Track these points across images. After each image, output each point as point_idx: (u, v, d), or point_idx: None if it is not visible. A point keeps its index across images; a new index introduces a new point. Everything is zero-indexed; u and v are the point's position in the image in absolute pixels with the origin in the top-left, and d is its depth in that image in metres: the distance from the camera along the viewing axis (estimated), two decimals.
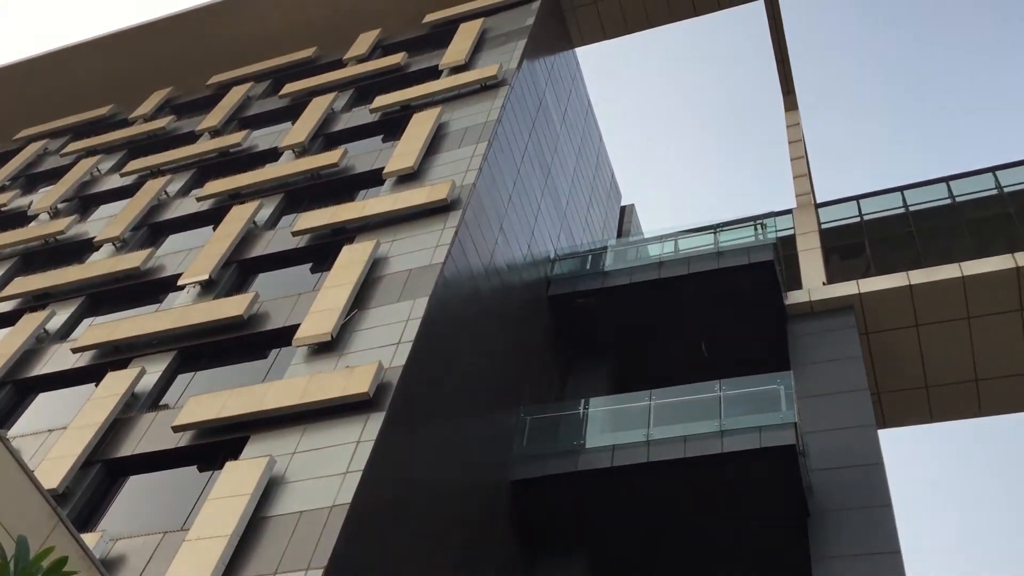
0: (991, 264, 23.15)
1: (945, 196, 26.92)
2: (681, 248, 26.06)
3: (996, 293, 23.18)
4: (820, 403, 21.48)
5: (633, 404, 21.40)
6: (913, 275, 23.78)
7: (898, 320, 24.07)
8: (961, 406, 25.33)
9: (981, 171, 26.89)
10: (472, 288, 20.54)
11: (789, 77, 33.33)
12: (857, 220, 27.59)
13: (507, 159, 24.37)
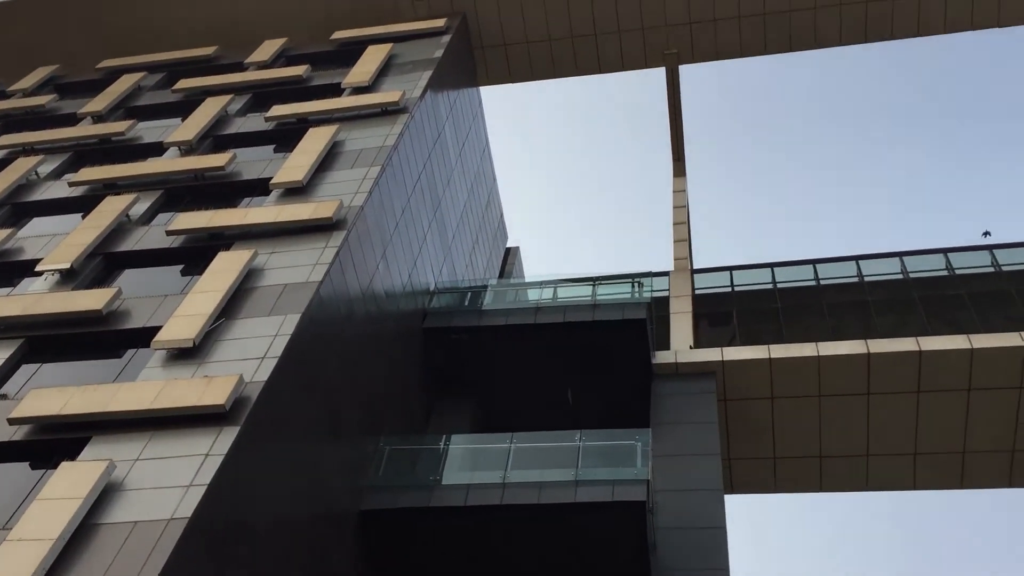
0: (845, 347, 24.34)
1: (811, 278, 28.24)
2: (559, 296, 26.45)
3: (847, 375, 24.36)
4: (674, 463, 22.01)
5: (494, 445, 21.40)
6: (774, 349, 24.77)
7: (755, 391, 24.98)
8: (804, 480, 26.38)
9: (846, 258, 28.36)
10: (347, 311, 20.26)
11: (680, 144, 34.50)
12: (728, 290, 28.62)
13: (399, 186, 24.29)
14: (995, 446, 24.76)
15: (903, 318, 25.80)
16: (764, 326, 26.81)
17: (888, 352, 23.95)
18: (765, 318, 27.14)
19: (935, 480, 25.87)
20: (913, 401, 24.42)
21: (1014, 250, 27.45)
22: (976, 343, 23.53)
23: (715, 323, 27.85)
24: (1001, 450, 24.81)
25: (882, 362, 24.02)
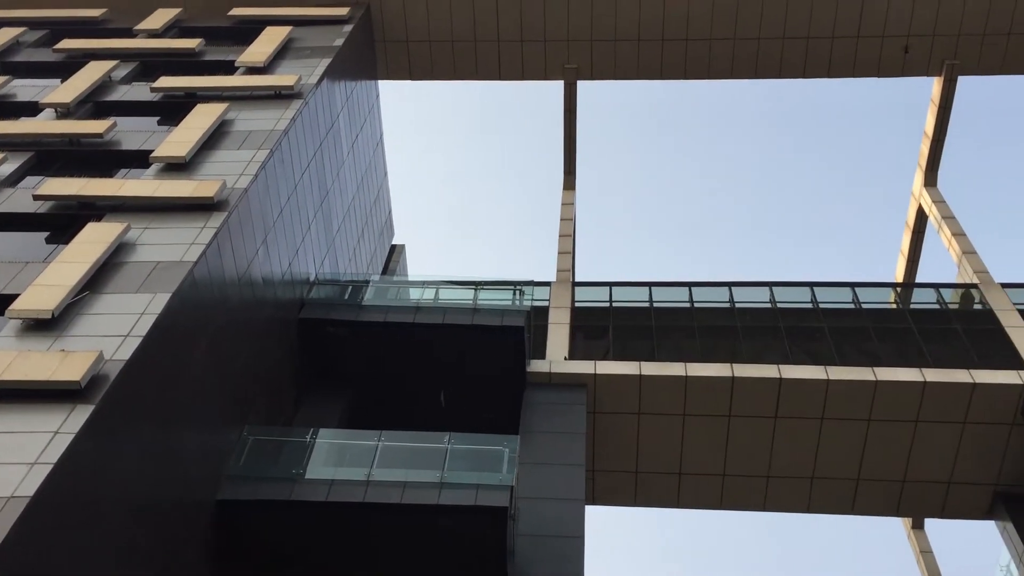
0: (712, 369, 25.17)
1: (686, 300, 29.08)
2: (441, 298, 26.44)
3: (711, 396, 25.19)
4: (539, 471, 22.27)
5: (362, 441, 21.20)
6: (645, 366, 25.39)
7: (624, 405, 25.54)
8: (662, 495, 27.11)
9: (719, 283, 29.33)
10: (220, 294, 19.72)
11: (572, 158, 35.02)
12: (607, 305, 29.19)
13: (286, 172, 23.83)
14: (843, 474, 26.00)
15: (768, 345, 26.85)
16: (638, 343, 27.46)
17: (751, 377, 24.88)
18: (639, 335, 27.80)
19: (784, 503, 26.97)
20: (770, 425, 25.42)
21: (873, 289, 28.94)
22: (832, 374, 24.70)
23: (591, 336, 28.36)
24: (848, 478, 26.06)
25: (744, 386, 24.94)
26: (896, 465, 25.61)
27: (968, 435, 24.76)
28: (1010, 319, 26.87)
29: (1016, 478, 25.15)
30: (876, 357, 25.91)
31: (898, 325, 27.51)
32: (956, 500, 25.90)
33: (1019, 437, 24.47)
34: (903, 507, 26.51)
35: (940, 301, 28.72)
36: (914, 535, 32.41)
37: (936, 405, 24.52)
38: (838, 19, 32.72)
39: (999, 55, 32.58)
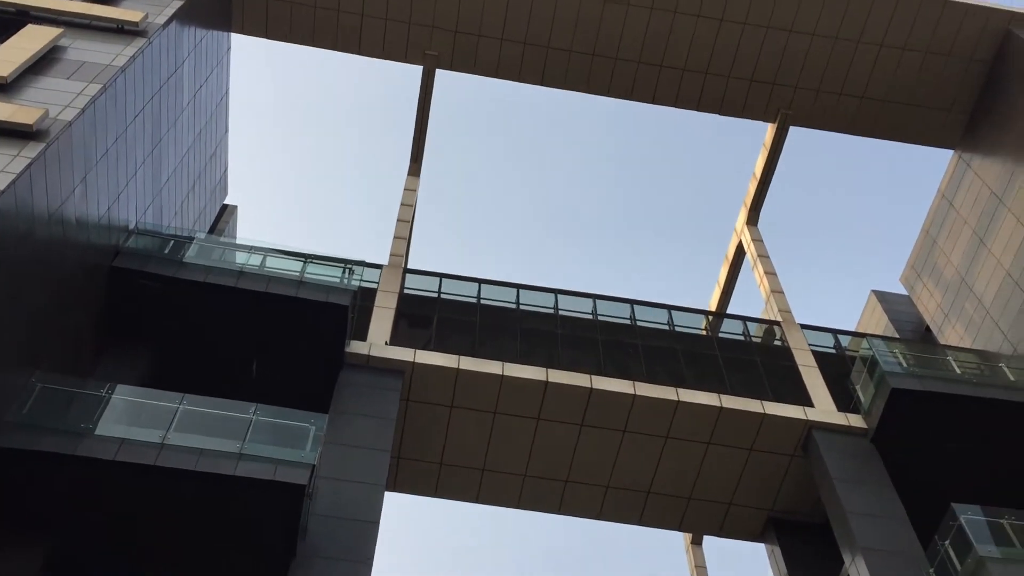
0: (528, 372, 25.73)
1: (513, 301, 29.57)
2: (267, 266, 25.77)
3: (523, 398, 25.75)
4: (344, 453, 22.12)
5: (162, 402, 20.40)
6: (463, 360, 25.66)
7: (438, 396, 25.72)
8: (463, 490, 27.47)
9: (546, 289, 29.98)
10: (26, 229, 18.46)
11: (421, 145, 34.93)
12: (435, 296, 29.28)
13: (118, 112, 22.57)
14: (636, 485, 27.16)
15: (584, 354, 27.68)
16: (460, 337, 27.69)
17: (563, 383, 25.60)
18: (463, 329, 28.05)
19: (579, 508, 27.89)
20: (576, 432, 26.24)
21: (687, 314, 30.37)
22: (639, 390, 25.77)
23: (415, 324, 28.37)
24: (640, 490, 27.24)
25: (556, 392, 25.64)
26: (685, 482, 26.98)
27: (752, 461, 26.40)
28: (804, 358, 28.84)
29: (788, 506, 27.01)
30: (681, 378, 27.21)
31: (705, 351, 29.00)
32: (734, 521, 27.55)
33: (797, 468, 26.30)
34: (686, 522, 27.95)
35: (745, 333, 30.47)
36: (692, 550, 34.25)
37: (728, 430, 26.01)
38: (691, 53, 34.14)
39: (829, 112, 34.89)
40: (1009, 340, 29.75)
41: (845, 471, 24.48)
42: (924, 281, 35.73)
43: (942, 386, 25.29)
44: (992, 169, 32.45)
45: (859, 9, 32.99)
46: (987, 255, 31.83)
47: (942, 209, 35.25)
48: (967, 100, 34.03)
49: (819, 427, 25.77)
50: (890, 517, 23.24)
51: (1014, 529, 21.17)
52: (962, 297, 32.90)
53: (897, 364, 26.37)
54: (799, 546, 26.45)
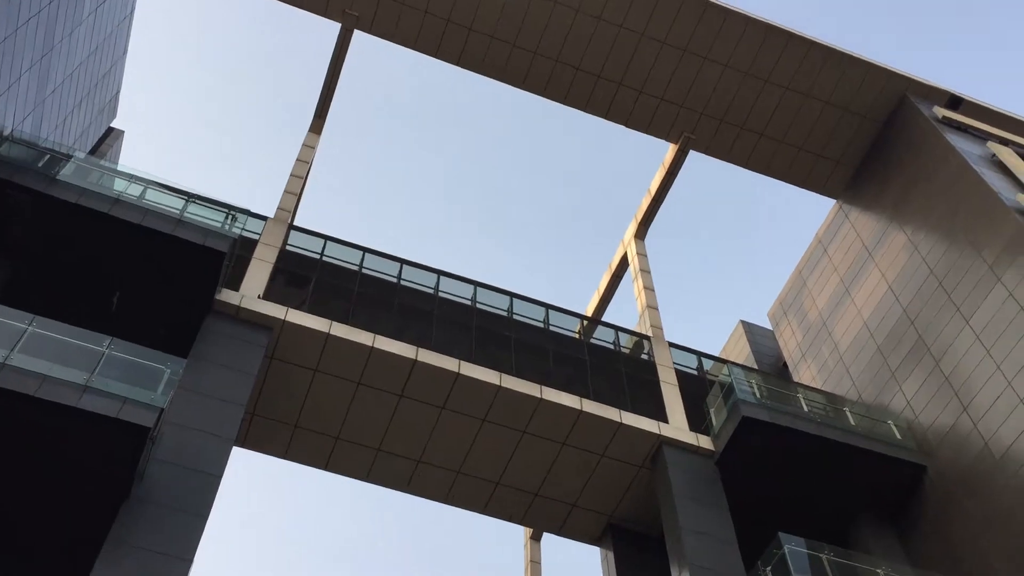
0: (398, 348, 25.65)
1: (395, 275, 29.39)
2: (147, 198, 24.83)
3: (389, 373, 25.67)
4: (197, 401, 21.56)
5: (9, 320, 19.42)
6: (336, 326, 25.37)
7: (303, 359, 25.37)
8: (314, 455, 27.19)
9: (430, 268, 29.93)
10: None
11: (327, 103, 34.29)
12: (317, 257, 28.82)
13: (10, 11, 21.31)
14: (487, 475, 27.45)
15: (457, 339, 27.78)
16: (336, 303, 27.36)
17: (431, 364, 25.64)
18: (340, 295, 27.72)
19: (427, 489, 28.00)
20: (436, 415, 26.33)
21: (564, 315, 30.86)
22: (504, 382, 26.04)
23: (292, 283, 27.86)
24: (490, 480, 27.55)
25: (423, 371, 25.66)
26: (534, 478, 27.44)
27: (602, 467, 27.06)
28: (667, 375, 29.72)
29: (628, 514, 27.82)
30: (547, 377, 27.64)
31: (574, 354, 29.53)
32: (575, 522, 28.19)
33: (642, 480, 27.10)
34: (529, 517, 28.43)
35: (615, 343, 31.16)
36: (530, 544, 34.86)
37: (584, 434, 26.58)
38: (608, 61, 34.64)
39: (728, 143, 36.01)
40: (856, 387, 31.41)
41: (686, 488, 25.37)
42: (789, 319, 37.30)
43: (788, 420, 26.49)
44: (867, 224, 34.14)
45: (772, 50, 34.15)
46: (849, 304, 33.49)
47: (816, 254, 36.88)
48: (855, 155, 35.68)
49: (669, 443, 26.61)
50: (721, 538, 24.22)
51: (831, 564, 22.41)
52: (820, 340, 34.52)
53: (751, 394, 27.49)
54: (632, 555, 27.28)
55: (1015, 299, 25.75)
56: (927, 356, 28.54)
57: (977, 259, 27.80)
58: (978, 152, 31.16)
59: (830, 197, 36.90)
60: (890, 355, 30.30)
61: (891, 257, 32.00)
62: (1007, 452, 24.33)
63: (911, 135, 33.45)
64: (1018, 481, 23.72)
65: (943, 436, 26.87)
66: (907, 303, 30.29)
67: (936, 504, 26.33)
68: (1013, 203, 27.70)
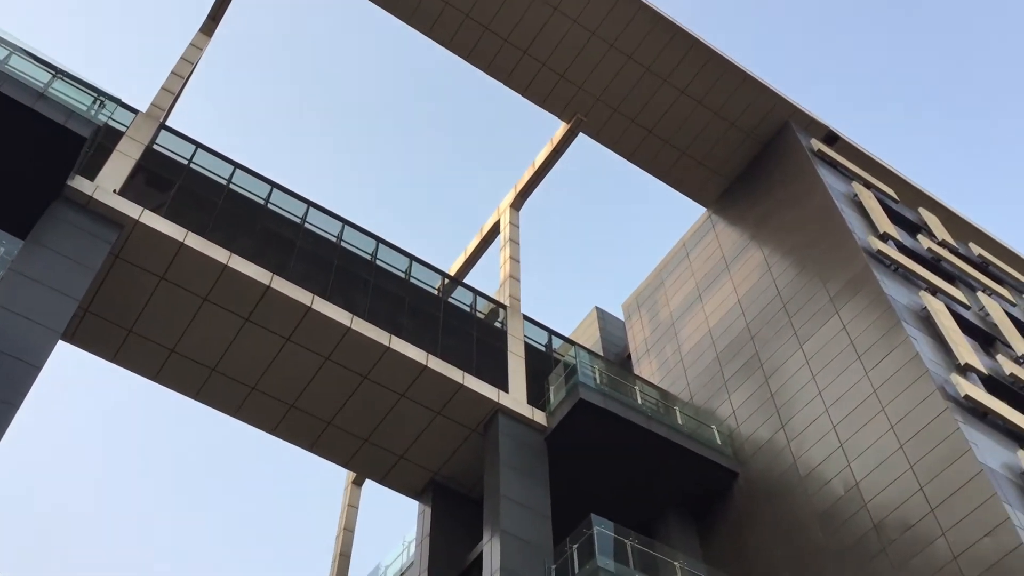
0: (253, 271, 25.02)
1: (264, 196, 28.57)
2: (10, 64, 23.19)
3: (239, 294, 25.03)
4: (28, 287, 20.47)
5: None
6: (192, 237, 24.51)
7: (151, 264, 24.43)
8: (145, 364, 26.29)
9: (299, 197, 29.25)
10: None
11: (224, 5, 32.83)
12: (185, 162, 27.68)
13: None
14: (320, 413, 27.23)
15: (315, 273, 27.32)
16: (196, 213, 26.37)
17: (284, 294, 25.16)
18: (202, 207, 26.73)
19: (258, 418, 27.53)
20: (280, 345, 25.89)
21: (427, 270, 30.78)
22: (355, 325, 25.84)
23: (153, 184, 26.66)
24: (322, 419, 27.33)
25: (274, 300, 25.16)
26: (367, 424, 27.42)
27: (436, 424, 27.30)
28: (516, 346, 30.17)
29: (452, 474, 28.22)
30: (399, 327, 27.57)
31: (430, 310, 29.55)
32: (400, 473, 28.37)
33: (473, 443, 27.51)
34: (355, 462, 28.41)
35: (472, 307, 31.37)
36: (351, 488, 34.91)
37: (424, 389, 26.72)
38: (518, 28, 34.55)
39: (617, 133, 36.61)
40: (690, 389, 32.76)
41: (513, 459, 25.91)
42: (641, 314, 38.47)
43: (621, 409, 27.39)
44: (731, 237, 35.49)
45: (675, 51, 34.84)
46: (699, 310, 34.81)
47: (679, 256, 38.10)
48: (733, 169, 36.97)
49: (505, 412, 27.08)
50: (536, 510, 24.89)
51: (633, 550, 23.40)
52: (666, 339, 35.78)
53: (592, 379, 28.25)
54: (449, 513, 27.71)
55: (847, 333, 27.39)
56: (759, 371, 30.02)
57: (822, 290, 29.36)
58: (843, 189, 32.82)
59: (701, 205, 38.11)
60: (726, 364, 31.72)
61: (746, 272, 33.40)
62: (811, 472, 25.96)
63: (786, 161, 34.90)
64: (815, 500, 25.37)
65: (758, 448, 28.40)
66: (751, 319, 31.73)
67: (740, 510, 27.85)
68: (864, 243, 29.36)
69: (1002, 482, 21.58)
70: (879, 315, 26.72)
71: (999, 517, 20.64)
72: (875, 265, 28.48)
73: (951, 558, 21.08)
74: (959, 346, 25.82)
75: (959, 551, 21.01)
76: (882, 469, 23.89)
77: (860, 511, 23.89)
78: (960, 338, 26.45)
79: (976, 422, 23.44)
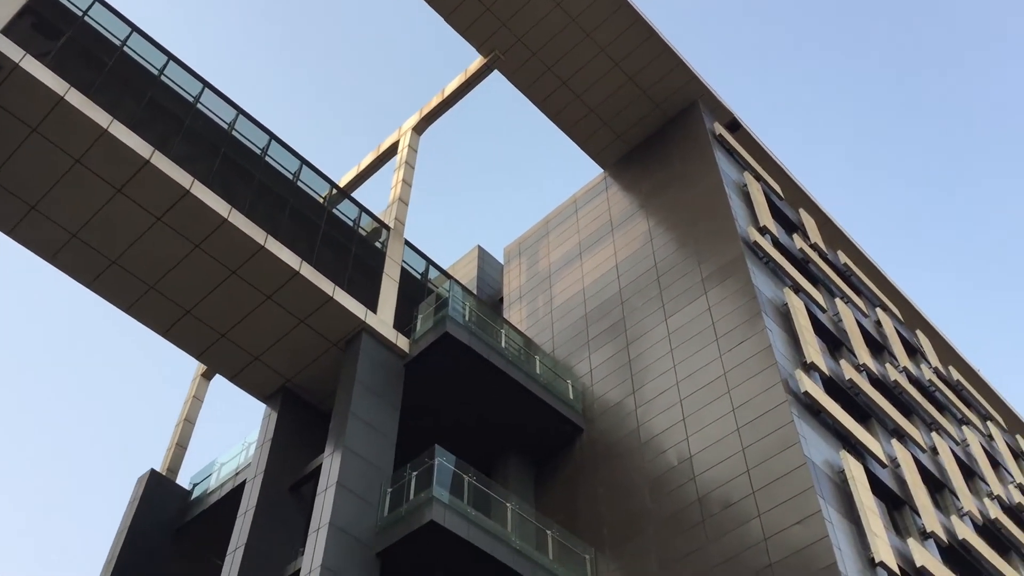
0: (135, 141, 24.00)
1: (160, 65, 27.26)
2: None
3: (116, 163, 24.00)
4: None
5: None
6: (72, 93, 23.34)
7: (26, 113, 23.20)
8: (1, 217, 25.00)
9: (196, 76, 28.03)
10: None
11: None
12: (79, 13, 26.07)
13: None
14: (181, 300, 26.48)
15: (201, 156, 26.35)
16: (83, 71, 24.93)
17: (163, 172, 24.27)
18: (91, 65, 25.32)
19: (113, 292, 26.57)
20: (149, 223, 25.02)
21: (315, 176, 30.15)
22: (232, 217, 25.20)
23: (41, 30, 24.98)
24: (182, 306, 26.63)
25: (152, 176, 24.23)
26: (227, 319, 26.88)
27: (298, 332, 27.02)
28: (392, 269, 30.05)
29: (305, 383, 28.05)
30: (277, 229, 27.00)
31: (312, 217, 29.02)
32: (252, 373, 27.97)
33: (332, 356, 27.37)
34: (207, 355, 27.85)
35: (356, 222, 30.94)
36: (200, 381, 34.30)
37: (292, 295, 26.37)
38: None
39: (531, 79, 36.43)
40: (554, 342, 33.44)
41: (369, 378, 25.96)
42: (521, 260, 38.84)
43: (483, 349, 27.75)
44: (621, 203, 36.09)
45: (603, 8, 34.78)
46: (578, 267, 35.42)
47: (568, 211, 38.53)
48: (636, 136, 37.43)
49: (369, 332, 27.04)
50: (383, 432, 25.10)
51: (470, 487, 23.95)
52: (540, 289, 36.31)
53: (461, 315, 28.46)
54: (295, 421, 27.61)
55: (711, 314, 28.43)
56: (622, 336, 30.87)
57: (696, 269, 30.31)
58: (734, 177, 33.78)
59: (600, 165, 38.53)
60: (592, 324, 32.48)
61: (628, 239, 34.10)
62: (651, 440, 27.04)
63: (687, 139, 35.59)
64: (649, 466, 26.48)
65: (607, 408, 29.33)
66: (625, 284, 32.50)
67: (578, 464, 28.80)
68: (743, 233, 30.40)
69: (821, 477, 23.03)
70: (743, 303, 27.82)
71: (812, 508, 22.06)
72: (749, 255, 29.55)
73: (762, 539, 22.44)
74: (809, 345, 27.19)
75: (770, 533, 22.38)
76: (716, 447, 25.10)
77: (688, 483, 25.09)
78: (812, 338, 27.85)
79: (809, 418, 24.85)
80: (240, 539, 24.28)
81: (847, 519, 22.59)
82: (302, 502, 25.69)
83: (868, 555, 22.04)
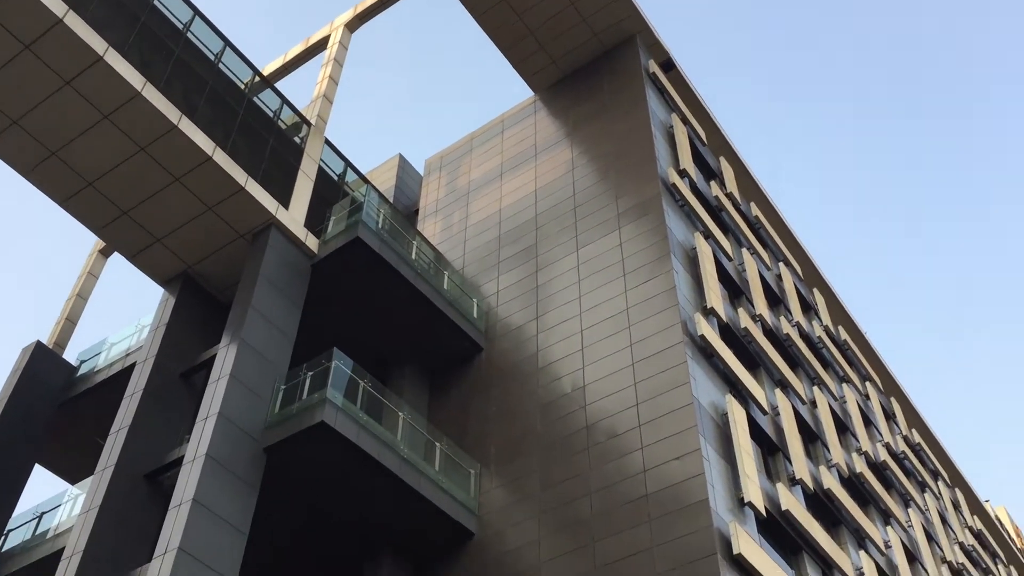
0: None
1: None
2: None
3: (23, 18, 22.68)
4: None
5: None
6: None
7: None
8: None
9: None
10: None
11: None
12: None
13: None
14: (82, 170, 25.43)
15: (116, 22, 25.09)
16: None
17: (75, 33, 23.08)
18: None
19: (9, 155, 25.39)
20: (58, 85, 23.82)
21: (239, 61, 29.08)
22: (146, 92, 24.21)
23: None
24: (83, 176, 25.60)
25: (63, 36, 23.02)
26: (131, 197, 25.97)
27: (205, 219, 26.35)
28: (309, 167, 29.43)
29: (206, 272, 27.39)
30: (193, 110, 26.07)
31: (232, 103, 28.06)
32: (153, 256, 27.14)
33: (238, 248, 26.77)
34: (108, 231, 26.89)
35: (276, 114, 30.07)
36: (97, 256, 33.29)
37: (203, 180, 25.64)
38: None
39: None
40: (465, 259, 33.49)
41: (273, 274, 25.61)
42: (441, 174, 38.51)
43: (393, 258, 27.60)
44: (547, 129, 35.94)
45: None
46: (497, 188, 35.32)
47: (494, 131, 38.21)
48: (570, 63, 37.12)
49: (279, 227, 26.58)
50: (281, 329, 24.89)
51: (365, 392, 24.07)
52: (457, 206, 36.14)
53: (375, 221, 28.18)
54: (192, 309, 27.10)
55: (622, 250, 28.82)
56: (532, 261, 31.09)
57: (612, 203, 30.57)
58: (661, 117, 33.96)
59: (531, 88, 38.17)
60: (505, 246, 32.58)
61: (550, 166, 34.09)
62: (548, 366, 27.53)
63: (621, 73, 35.48)
64: (543, 391, 27.01)
65: (509, 331, 29.67)
66: (541, 211, 32.60)
67: (473, 382, 29.18)
68: (663, 174, 30.72)
69: (704, 417, 23.90)
70: (654, 242, 28.26)
71: (692, 446, 22.92)
72: (666, 196, 29.93)
73: (641, 470, 23.27)
74: (711, 291, 27.90)
75: (650, 466, 23.21)
76: (609, 379, 25.73)
77: (578, 411, 25.72)
78: (715, 284, 28.57)
79: (702, 360, 25.64)
80: (124, 420, 23.95)
81: (724, 459, 23.56)
82: (192, 391, 25.42)
83: (739, 495, 23.10)
